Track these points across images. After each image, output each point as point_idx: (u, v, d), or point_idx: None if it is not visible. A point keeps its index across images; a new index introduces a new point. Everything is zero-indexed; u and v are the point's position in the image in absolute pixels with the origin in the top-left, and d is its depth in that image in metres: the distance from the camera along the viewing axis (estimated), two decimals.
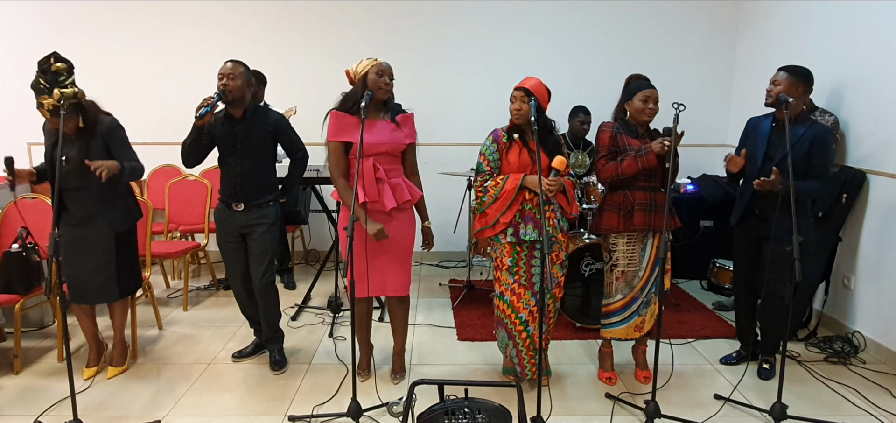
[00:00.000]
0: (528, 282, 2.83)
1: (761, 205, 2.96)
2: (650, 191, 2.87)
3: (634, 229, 2.87)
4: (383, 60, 2.74)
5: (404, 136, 2.79)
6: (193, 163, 3.00)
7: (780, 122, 2.94)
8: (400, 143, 2.78)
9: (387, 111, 2.81)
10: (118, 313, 3.13)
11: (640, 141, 2.85)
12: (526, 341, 2.87)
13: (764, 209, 2.95)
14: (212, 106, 2.81)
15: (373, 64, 2.70)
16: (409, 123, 2.83)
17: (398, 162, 2.83)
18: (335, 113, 2.73)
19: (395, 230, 2.82)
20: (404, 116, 2.82)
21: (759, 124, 3.05)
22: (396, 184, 2.79)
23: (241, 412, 2.77)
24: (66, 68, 2.73)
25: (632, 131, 2.88)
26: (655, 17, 5.13)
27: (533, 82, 2.74)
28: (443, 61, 5.16)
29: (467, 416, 2.08)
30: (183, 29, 5.04)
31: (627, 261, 2.91)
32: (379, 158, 2.74)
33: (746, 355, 3.26)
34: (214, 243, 4.89)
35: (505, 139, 2.81)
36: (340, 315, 3.94)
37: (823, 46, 3.96)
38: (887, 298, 3.37)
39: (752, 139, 3.05)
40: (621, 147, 2.86)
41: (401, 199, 2.78)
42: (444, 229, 5.27)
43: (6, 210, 3.45)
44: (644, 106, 2.82)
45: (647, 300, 2.97)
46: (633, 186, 2.87)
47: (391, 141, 2.75)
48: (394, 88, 2.81)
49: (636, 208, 2.85)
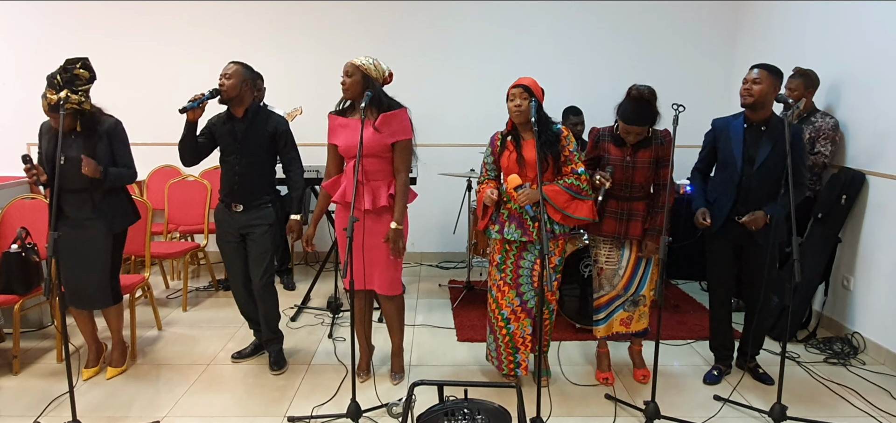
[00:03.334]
0: (513, 281, 2.85)
1: (744, 210, 2.86)
2: (624, 201, 2.88)
3: (603, 235, 2.91)
4: (355, 59, 2.73)
5: (386, 136, 2.72)
6: (190, 161, 2.99)
7: (752, 122, 2.86)
8: (379, 143, 2.72)
9: (374, 112, 2.72)
10: (113, 317, 3.12)
11: (622, 151, 2.85)
12: (505, 338, 2.91)
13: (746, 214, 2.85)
14: (200, 102, 2.81)
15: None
16: (393, 121, 2.72)
17: (387, 162, 2.79)
18: (330, 116, 2.86)
19: (374, 231, 2.81)
20: (386, 116, 2.71)
21: (728, 126, 2.93)
22: (377, 186, 2.79)
23: (241, 413, 2.76)
24: (87, 78, 2.76)
25: (617, 141, 2.87)
26: (655, 17, 5.13)
27: (529, 80, 2.75)
28: (443, 62, 5.16)
29: (467, 417, 2.07)
30: (183, 29, 5.04)
31: (605, 258, 2.97)
32: (363, 160, 2.71)
33: (726, 369, 3.17)
34: (214, 244, 4.90)
35: (499, 143, 2.85)
36: (340, 316, 3.94)
37: (823, 47, 3.96)
38: (887, 299, 3.37)
39: (724, 141, 2.92)
40: (602, 154, 2.90)
41: (376, 203, 2.77)
42: (444, 229, 5.27)
43: (6, 210, 3.45)
44: (626, 135, 2.83)
45: (635, 300, 2.99)
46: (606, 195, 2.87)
47: (367, 143, 2.67)
48: (394, 87, 2.81)
49: (607, 215, 2.89)
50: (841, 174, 3.63)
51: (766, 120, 2.85)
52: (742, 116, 2.92)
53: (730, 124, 2.94)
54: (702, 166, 3.10)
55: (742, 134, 2.88)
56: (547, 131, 2.74)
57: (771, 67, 2.80)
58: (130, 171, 2.93)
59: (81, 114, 2.77)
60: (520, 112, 2.71)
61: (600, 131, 2.95)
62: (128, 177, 2.93)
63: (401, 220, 2.76)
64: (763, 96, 2.77)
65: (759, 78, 2.78)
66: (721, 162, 2.96)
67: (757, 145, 2.83)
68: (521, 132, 2.81)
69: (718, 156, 2.97)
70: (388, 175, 2.80)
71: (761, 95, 2.76)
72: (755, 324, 3.02)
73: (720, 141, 2.96)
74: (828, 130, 3.61)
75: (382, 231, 2.80)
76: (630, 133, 2.79)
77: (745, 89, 2.82)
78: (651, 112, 2.75)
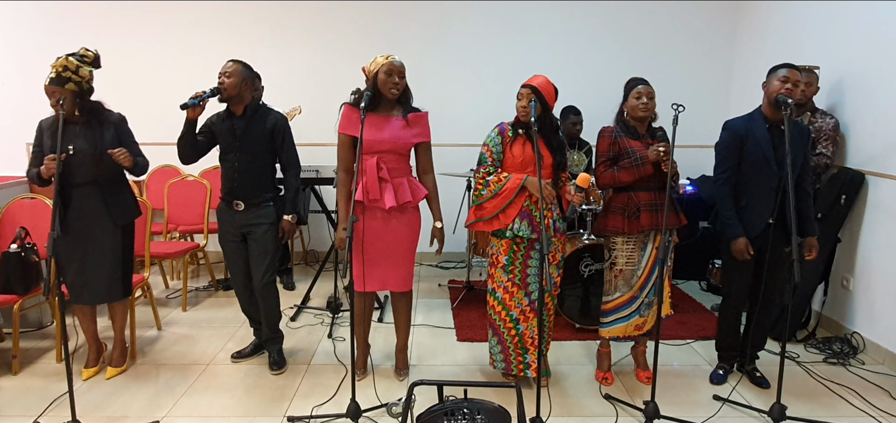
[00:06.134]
0: (522, 281, 2.83)
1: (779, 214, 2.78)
2: (654, 191, 2.86)
3: (641, 230, 2.85)
4: (397, 59, 2.74)
5: (412, 135, 2.79)
6: (189, 159, 3.00)
7: (773, 122, 2.81)
8: (406, 142, 2.77)
9: (400, 109, 2.80)
10: (119, 314, 3.13)
11: (642, 142, 2.85)
12: (514, 339, 2.88)
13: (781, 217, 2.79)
14: (200, 100, 2.81)
15: (384, 63, 2.72)
16: (421, 122, 2.83)
17: (405, 161, 2.83)
18: (348, 106, 2.79)
19: (396, 229, 2.83)
20: (416, 115, 2.81)
21: (751, 128, 2.82)
22: (399, 183, 2.80)
23: (240, 413, 2.76)
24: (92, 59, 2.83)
25: (632, 133, 2.87)
26: (655, 17, 5.13)
27: (540, 81, 2.71)
28: (443, 61, 5.16)
29: (466, 417, 2.07)
30: (183, 29, 5.04)
31: (626, 259, 2.91)
32: (384, 157, 2.75)
33: (731, 368, 3.17)
34: (213, 244, 4.91)
35: (510, 133, 2.81)
36: (340, 316, 3.94)
37: (823, 47, 3.96)
38: (886, 299, 3.37)
39: (753, 144, 2.80)
40: (622, 150, 2.84)
41: (402, 199, 2.78)
42: (444, 229, 5.27)
43: (6, 210, 3.44)
44: (637, 102, 2.81)
45: (650, 302, 2.96)
46: (636, 188, 2.86)
47: (395, 139, 2.75)
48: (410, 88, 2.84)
49: (642, 209, 2.84)
50: (840, 174, 3.63)
51: (781, 121, 2.79)
52: (761, 118, 2.82)
53: (751, 126, 2.82)
54: (731, 177, 2.89)
55: (768, 136, 2.78)
56: (553, 137, 2.77)
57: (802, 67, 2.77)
58: (145, 159, 2.98)
59: (82, 99, 2.78)
60: (526, 113, 2.70)
61: (614, 129, 2.91)
62: (144, 165, 2.98)
63: (441, 217, 2.89)
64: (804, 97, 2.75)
65: (809, 80, 2.75)
66: (750, 166, 2.81)
67: (781, 147, 2.76)
68: (530, 130, 2.80)
69: (747, 160, 2.82)
70: (407, 173, 2.85)
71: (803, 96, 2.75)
72: (757, 327, 3.02)
73: (748, 144, 2.81)
74: (829, 131, 3.61)
75: (404, 227, 2.84)
76: (642, 94, 2.79)
77: (788, 90, 2.69)
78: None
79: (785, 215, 2.75)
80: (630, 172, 2.80)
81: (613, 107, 2.99)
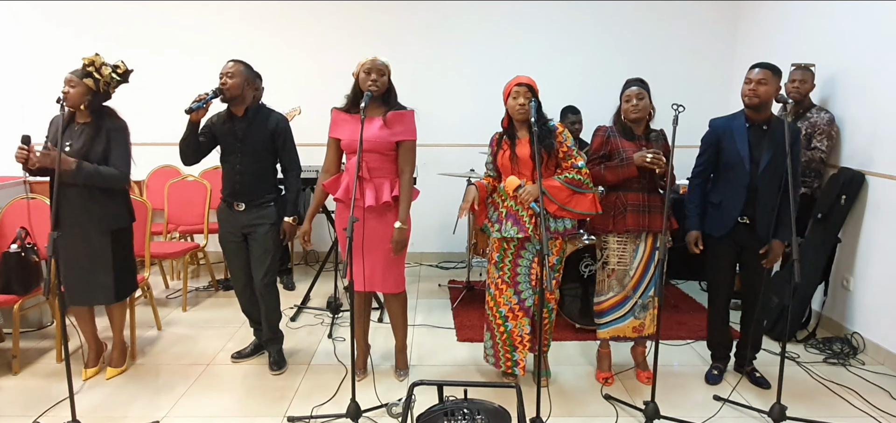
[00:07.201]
0: (511, 280, 2.85)
1: (751, 213, 2.84)
2: (644, 192, 2.87)
3: (627, 230, 2.87)
4: (381, 59, 2.75)
5: (391, 134, 2.76)
6: (191, 160, 2.99)
7: (754, 122, 2.83)
8: (385, 141, 2.76)
9: (383, 109, 2.79)
10: (117, 315, 3.13)
11: (636, 143, 2.85)
12: (503, 337, 2.92)
13: (753, 217, 2.84)
14: (205, 102, 2.81)
15: (365, 63, 2.74)
16: (403, 120, 2.79)
17: (389, 161, 2.81)
18: (334, 110, 2.86)
19: (375, 229, 2.82)
20: (396, 114, 2.78)
21: (730, 127, 2.87)
22: (380, 183, 2.80)
23: (240, 413, 2.76)
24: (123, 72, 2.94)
25: (627, 134, 2.88)
26: (655, 16, 5.13)
27: (530, 79, 2.76)
28: (442, 62, 5.16)
29: (466, 417, 2.07)
30: (183, 29, 5.04)
31: (617, 259, 2.93)
32: (366, 156, 2.75)
33: (725, 367, 3.18)
34: (214, 244, 4.91)
35: (496, 144, 2.88)
36: (339, 316, 3.94)
37: (823, 47, 3.96)
38: (886, 299, 3.37)
39: (729, 142, 2.85)
40: (613, 150, 2.87)
41: (379, 199, 2.78)
42: (444, 230, 5.28)
43: (6, 210, 3.44)
44: (627, 105, 2.84)
45: (645, 304, 2.96)
46: (626, 188, 2.87)
47: (374, 139, 2.74)
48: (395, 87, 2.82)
49: (629, 210, 2.86)
50: (840, 174, 3.63)
51: (767, 120, 2.83)
52: (742, 116, 2.88)
53: (731, 125, 2.88)
54: (703, 172, 2.99)
55: (746, 134, 2.83)
56: (542, 127, 2.75)
57: (773, 66, 2.78)
58: (118, 172, 2.83)
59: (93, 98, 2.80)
60: (524, 111, 2.71)
61: (608, 128, 2.93)
62: (109, 177, 2.80)
63: (404, 219, 2.79)
64: (768, 96, 2.75)
65: (765, 78, 2.75)
66: (726, 164, 2.88)
67: (761, 146, 2.80)
68: (516, 130, 2.82)
69: (722, 157, 2.90)
70: (391, 173, 2.82)
71: (767, 96, 2.75)
72: (753, 327, 3.02)
73: (724, 142, 2.88)
74: (823, 126, 3.62)
75: (385, 228, 2.81)
76: (630, 97, 2.81)
77: (750, 90, 2.78)
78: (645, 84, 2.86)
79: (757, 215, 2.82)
80: (614, 172, 2.83)
81: (613, 107, 3.00)
